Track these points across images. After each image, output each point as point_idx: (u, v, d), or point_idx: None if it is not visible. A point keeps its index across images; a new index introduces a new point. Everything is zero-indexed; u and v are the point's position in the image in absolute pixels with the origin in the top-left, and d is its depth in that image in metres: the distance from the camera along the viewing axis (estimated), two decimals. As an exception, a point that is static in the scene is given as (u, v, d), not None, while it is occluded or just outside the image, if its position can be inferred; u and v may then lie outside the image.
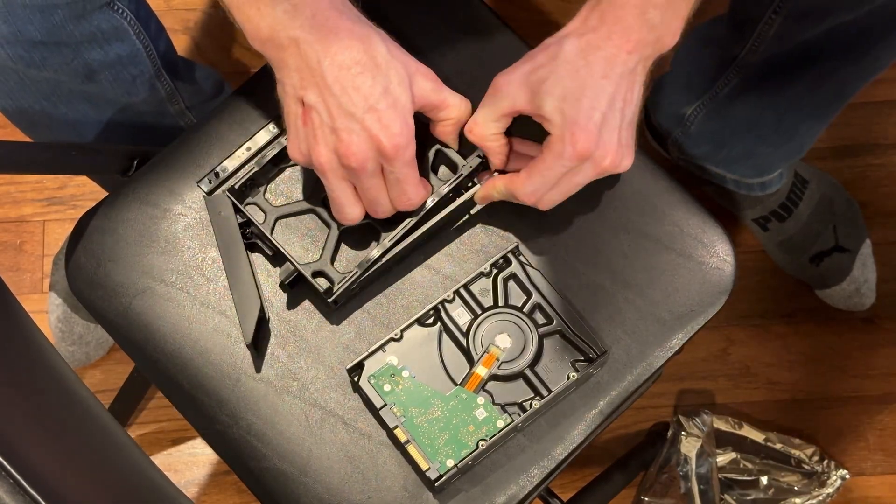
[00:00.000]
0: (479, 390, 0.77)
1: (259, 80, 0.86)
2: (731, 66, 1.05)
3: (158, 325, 0.82)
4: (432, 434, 0.76)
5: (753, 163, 1.21)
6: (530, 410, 0.77)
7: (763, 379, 1.33)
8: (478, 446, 0.76)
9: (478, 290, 0.80)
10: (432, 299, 0.81)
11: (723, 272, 0.83)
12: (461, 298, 0.80)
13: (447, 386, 0.78)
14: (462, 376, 0.78)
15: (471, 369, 0.78)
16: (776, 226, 1.31)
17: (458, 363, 0.78)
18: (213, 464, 1.30)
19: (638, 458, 1.26)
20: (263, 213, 0.82)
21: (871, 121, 1.41)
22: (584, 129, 0.71)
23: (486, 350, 0.78)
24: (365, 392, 0.77)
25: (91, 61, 0.89)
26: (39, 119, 0.97)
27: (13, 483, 0.49)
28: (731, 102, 1.10)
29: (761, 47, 1.00)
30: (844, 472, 1.27)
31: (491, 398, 0.78)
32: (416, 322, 0.79)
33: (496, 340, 0.78)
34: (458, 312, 0.79)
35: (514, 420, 0.77)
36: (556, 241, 0.83)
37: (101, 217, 0.85)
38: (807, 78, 1.03)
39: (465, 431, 0.76)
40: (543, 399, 0.77)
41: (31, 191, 1.37)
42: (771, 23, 0.96)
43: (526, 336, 0.78)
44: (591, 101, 0.71)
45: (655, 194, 0.85)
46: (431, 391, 0.77)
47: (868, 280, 1.33)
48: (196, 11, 1.43)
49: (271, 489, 0.79)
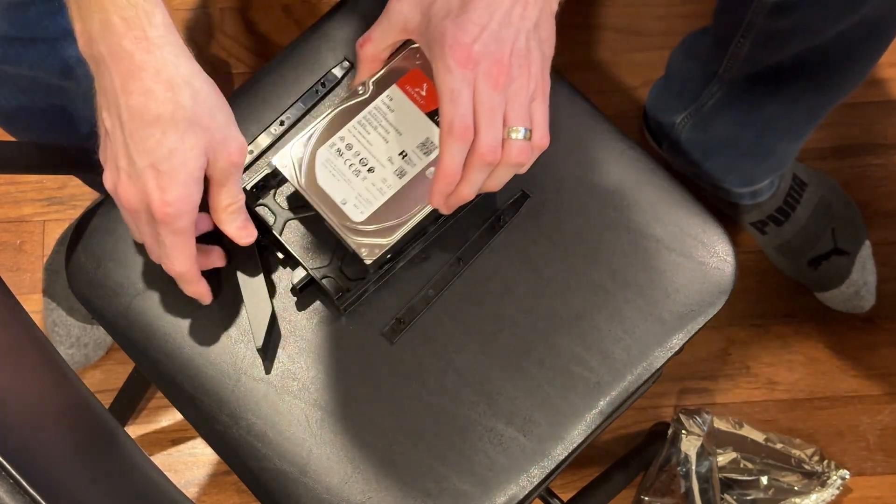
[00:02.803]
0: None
1: (259, 81, 0.86)
2: (714, 81, 1.07)
3: (158, 325, 0.82)
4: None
5: (738, 175, 1.23)
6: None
7: (763, 379, 1.33)
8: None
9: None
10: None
11: (723, 272, 0.83)
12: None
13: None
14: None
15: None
16: (773, 230, 1.31)
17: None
18: (213, 464, 1.30)
19: (638, 458, 1.26)
20: (274, 216, 0.81)
21: (871, 121, 1.41)
22: (466, 35, 0.68)
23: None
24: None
25: (67, 57, 0.88)
26: (17, 114, 0.97)
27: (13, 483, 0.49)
28: (714, 116, 1.13)
29: (735, 67, 1.03)
30: (844, 472, 1.27)
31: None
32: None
33: None
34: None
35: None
36: (556, 241, 0.83)
37: (101, 217, 0.85)
38: (780, 99, 1.06)
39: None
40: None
41: (31, 191, 1.37)
42: (741, 45, 0.99)
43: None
44: (474, 15, 0.68)
45: (655, 194, 0.85)
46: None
47: (868, 282, 1.32)
48: (195, 11, 1.43)
49: (271, 489, 0.79)
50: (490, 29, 0.68)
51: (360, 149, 0.78)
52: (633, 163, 0.85)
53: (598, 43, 1.42)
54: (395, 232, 0.76)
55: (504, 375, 0.81)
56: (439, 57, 0.68)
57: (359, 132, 0.78)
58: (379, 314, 0.81)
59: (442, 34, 0.68)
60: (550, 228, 0.83)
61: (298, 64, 0.86)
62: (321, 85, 0.85)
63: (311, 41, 0.87)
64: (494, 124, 0.69)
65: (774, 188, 1.27)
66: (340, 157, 0.77)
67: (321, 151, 0.77)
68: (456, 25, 0.68)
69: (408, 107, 0.78)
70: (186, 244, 0.71)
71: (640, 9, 1.44)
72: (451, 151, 0.70)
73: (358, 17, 0.87)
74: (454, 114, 0.68)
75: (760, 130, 1.12)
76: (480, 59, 0.68)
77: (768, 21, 0.94)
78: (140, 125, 0.66)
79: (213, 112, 0.68)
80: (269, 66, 0.87)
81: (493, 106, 0.69)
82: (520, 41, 0.69)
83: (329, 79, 0.85)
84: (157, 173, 0.66)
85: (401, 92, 0.78)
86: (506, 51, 0.68)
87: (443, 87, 0.69)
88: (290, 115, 0.84)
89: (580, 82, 0.89)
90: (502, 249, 0.83)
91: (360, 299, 0.80)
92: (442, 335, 0.81)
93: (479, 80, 0.68)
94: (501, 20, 0.68)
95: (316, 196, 0.77)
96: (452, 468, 0.79)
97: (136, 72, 0.65)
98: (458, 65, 0.68)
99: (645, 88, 1.34)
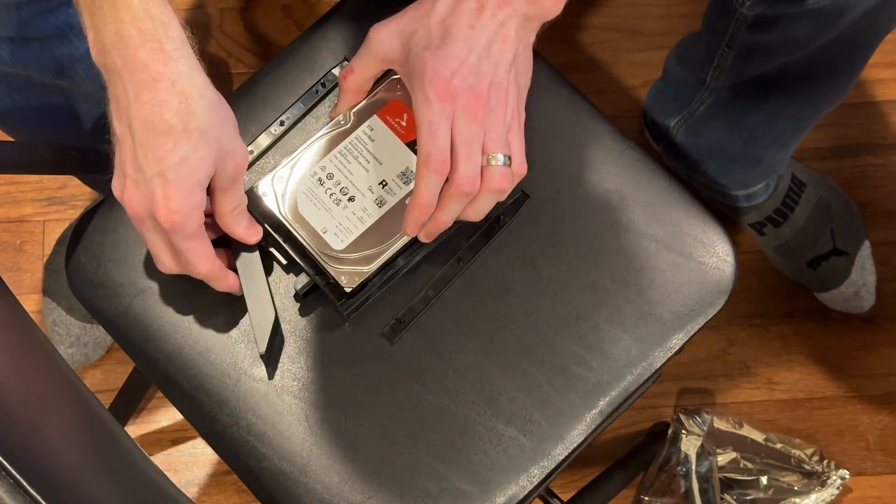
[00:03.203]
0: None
1: (259, 81, 0.86)
2: (704, 88, 1.08)
3: (158, 325, 0.82)
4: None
5: (731, 179, 1.23)
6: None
7: (763, 379, 1.33)
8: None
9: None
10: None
11: (723, 272, 0.83)
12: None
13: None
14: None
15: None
16: (772, 231, 1.31)
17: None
18: (213, 464, 1.30)
19: (638, 458, 1.26)
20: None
21: (871, 121, 1.41)
22: (446, 68, 0.69)
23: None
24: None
25: (60, 56, 0.88)
26: (11, 112, 0.97)
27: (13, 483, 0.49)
28: (705, 122, 1.15)
29: (722, 76, 1.05)
30: (844, 472, 1.27)
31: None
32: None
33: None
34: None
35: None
36: (555, 241, 0.83)
37: (101, 217, 0.85)
38: (766, 109, 1.08)
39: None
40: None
41: (31, 191, 1.37)
42: (726, 55, 1.01)
43: None
44: (453, 48, 0.69)
45: (655, 194, 0.85)
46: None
47: (867, 283, 1.32)
48: (195, 11, 1.43)
49: (271, 489, 0.79)
50: (469, 62, 0.69)
51: (340, 178, 0.79)
52: (632, 163, 0.85)
53: (598, 43, 1.42)
54: (375, 260, 0.78)
55: (504, 375, 0.81)
56: (419, 89, 0.70)
57: (340, 162, 0.79)
58: (379, 314, 0.81)
59: (422, 66, 0.70)
60: (550, 229, 0.83)
61: (298, 64, 0.86)
62: (321, 85, 0.85)
63: (311, 41, 0.87)
64: (473, 155, 0.71)
65: (770, 190, 1.27)
66: (321, 186, 0.79)
67: (302, 180, 0.79)
68: (436, 58, 0.69)
69: (388, 137, 0.80)
70: (202, 245, 0.73)
71: (640, 9, 1.44)
72: (427, 182, 0.71)
73: (357, 17, 0.87)
74: (432, 146, 0.70)
75: (748, 139, 1.13)
76: (459, 92, 0.69)
77: (749, 35, 0.95)
78: (151, 134, 0.66)
79: (223, 124, 0.70)
80: (268, 67, 0.87)
81: (471, 137, 0.70)
82: (498, 74, 0.70)
83: (329, 79, 0.85)
84: (165, 182, 0.67)
85: (381, 122, 0.80)
86: (484, 84, 0.70)
87: (421, 120, 0.70)
88: (290, 116, 0.84)
89: (580, 82, 0.89)
90: (502, 249, 0.83)
91: (363, 306, 0.80)
92: (442, 335, 0.81)
93: (457, 112, 0.69)
94: (481, 53, 0.69)
95: (297, 224, 0.78)
96: (452, 468, 0.79)
97: (150, 83, 0.65)
98: (437, 98, 0.69)
99: (645, 88, 1.34)
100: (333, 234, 0.78)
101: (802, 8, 0.85)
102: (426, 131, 0.70)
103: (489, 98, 0.70)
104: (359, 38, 0.77)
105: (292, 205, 0.79)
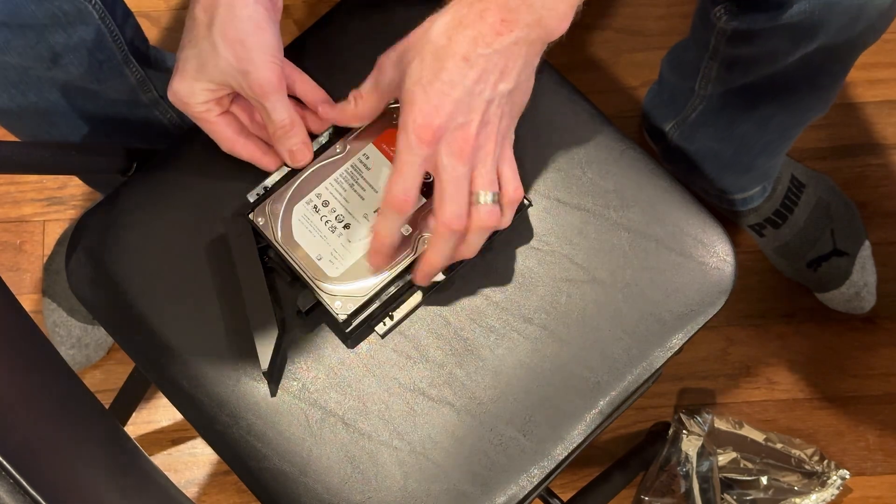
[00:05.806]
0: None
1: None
2: (694, 95, 1.09)
3: (158, 326, 0.82)
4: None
5: (726, 183, 1.24)
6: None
7: (763, 379, 1.33)
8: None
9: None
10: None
11: (723, 272, 0.83)
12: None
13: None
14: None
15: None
16: (771, 232, 1.31)
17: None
18: (213, 464, 1.30)
19: (638, 458, 1.26)
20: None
21: (871, 121, 1.41)
22: (432, 110, 0.67)
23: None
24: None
25: (55, 44, 0.88)
26: (8, 107, 0.97)
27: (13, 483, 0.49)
28: (697, 129, 1.16)
29: (709, 85, 1.05)
30: (844, 472, 1.27)
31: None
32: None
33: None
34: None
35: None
36: (554, 241, 0.83)
37: (101, 217, 0.85)
38: (753, 118, 1.09)
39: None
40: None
41: (31, 191, 1.37)
42: (710, 66, 1.02)
43: None
44: (444, 85, 0.67)
45: (655, 194, 0.85)
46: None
47: (868, 283, 1.32)
48: (196, 11, 1.43)
49: (271, 489, 0.79)
50: (460, 101, 0.67)
51: (336, 205, 0.79)
52: (632, 163, 0.85)
53: (598, 43, 1.42)
54: (370, 287, 0.78)
55: (504, 375, 0.81)
56: (402, 126, 0.68)
57: (335, 189, 0.80)
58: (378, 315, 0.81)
59: (411, 101, 0.68)
60: (549, 229, 0.83)
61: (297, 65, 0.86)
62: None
63: (311, 42, 0.88)
64: (459, 193, 0.70)
65: (767, 194, 1.28)
66: (317, 214, 0.79)
67: (298, 207, 0.79)
68: (425, 96, 0.67)
69: (384, 165, 0.80)
70: (212, 129, 0.80)
71: (640, 9, 1.44)
72: (386, 216, 0.72)
73: (357, 18, 0.87)
74: (396, 186, 0.70)
75: (738, 146, 1.14)
76: (444, 133, 0.68)
77: (730, 48, 0.96)
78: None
79: (248, 41, 0.76)
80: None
81: (457, 176, 0.69)
82: (490, 110, 0.69)
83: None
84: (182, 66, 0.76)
85: (377, 150, 0.80)
86: (474, 123, 0.68)
87: (398, 156, 0.69)
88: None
89: (580, 82, 0.89)
90: (501, 249, 0.83)
91: (365, 324, 0.80)
92: (441, 336, 0.81)
93: (443, 152, 0.68)
94: (473, 90, 0.67)
95: (292, 251, 0.78)
96: (452, 468, 0.79)
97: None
98: (417, 142, 0.68)
99: (644, 88, 1.34)
100: (328, 261, 0.78)
101: (777, 23, 0.85)
102: (396, 170, 0.69)
103: (477, 136, 0.68)
104: (359, 38, 0.77)
105: (287, 231, 0.79)
